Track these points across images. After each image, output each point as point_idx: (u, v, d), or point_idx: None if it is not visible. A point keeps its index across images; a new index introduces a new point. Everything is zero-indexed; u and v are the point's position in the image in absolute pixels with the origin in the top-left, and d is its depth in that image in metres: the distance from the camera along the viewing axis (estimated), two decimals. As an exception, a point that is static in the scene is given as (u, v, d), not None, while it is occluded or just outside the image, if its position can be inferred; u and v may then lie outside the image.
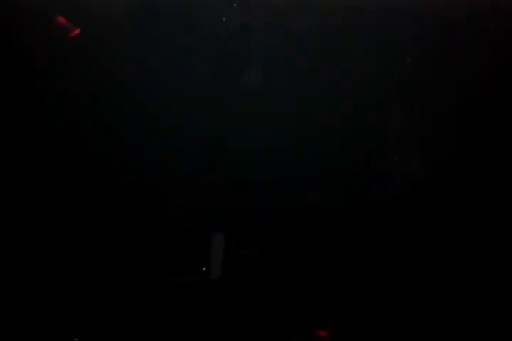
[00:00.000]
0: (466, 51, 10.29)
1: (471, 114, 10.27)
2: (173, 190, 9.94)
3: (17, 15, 9.99)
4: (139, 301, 9.04)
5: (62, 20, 9.53)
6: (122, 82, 9.96)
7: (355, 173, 10.21)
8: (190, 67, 10.24)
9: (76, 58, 9.96)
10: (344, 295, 9.45)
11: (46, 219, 9.62)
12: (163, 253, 9.63)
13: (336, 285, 9.53)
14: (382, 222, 10.10)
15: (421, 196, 10.11)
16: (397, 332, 9.07)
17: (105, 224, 9.63)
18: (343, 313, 9.23)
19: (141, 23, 10.15)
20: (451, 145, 10.25)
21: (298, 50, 10.32)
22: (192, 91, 10.19)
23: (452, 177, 10.16)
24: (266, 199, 9.94)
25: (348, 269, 9.64)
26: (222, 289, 9.41)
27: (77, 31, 9.76)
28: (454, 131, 10.37)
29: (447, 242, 9.96)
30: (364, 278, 9.58)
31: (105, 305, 8.90)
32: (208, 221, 9.75)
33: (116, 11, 10.03)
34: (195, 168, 10.02)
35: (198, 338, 8.78)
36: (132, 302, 9.00)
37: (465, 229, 10.06)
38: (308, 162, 10.20)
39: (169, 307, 9.11)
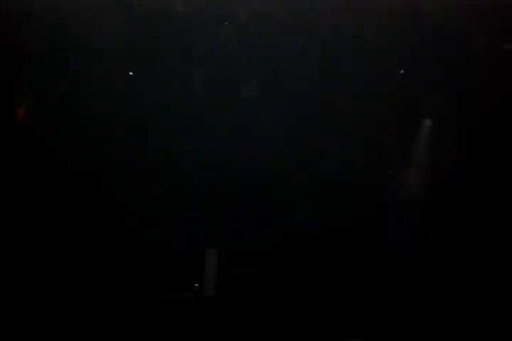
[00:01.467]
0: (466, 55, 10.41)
1: (471, 121, 10.40)
2: (169, 208, 9.97)
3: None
4: (134, 317, 8.99)
5: None
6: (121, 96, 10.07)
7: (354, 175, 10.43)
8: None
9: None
10: (342, 308, 9.39)
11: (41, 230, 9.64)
12: (157, 270, 9.58)
13: (335, 300, 9.45)
14: (381, 223, 10.24)
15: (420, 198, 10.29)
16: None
17: (98, 243, 9.61)
18: (341, 328, 9.17)
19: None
20: (450, 151, 10.36)
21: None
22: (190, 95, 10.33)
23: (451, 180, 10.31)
24: (264, 213, 9.93)
25: (348, 281, 9.61)
26: (217, 305, 9.33)
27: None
28: (454, 136, 10.46)
29: (446, 245, 10.08)
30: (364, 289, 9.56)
31: (99, 321, 8.85)
32: (205, 236, 9.77)
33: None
34: (193, 184, 10.04)
35: None
36: (127, 318, 8.94)
37: (461, 230, 10.16)
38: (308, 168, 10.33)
39: (163, 323, 9.06)
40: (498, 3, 10.65)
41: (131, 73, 10.12)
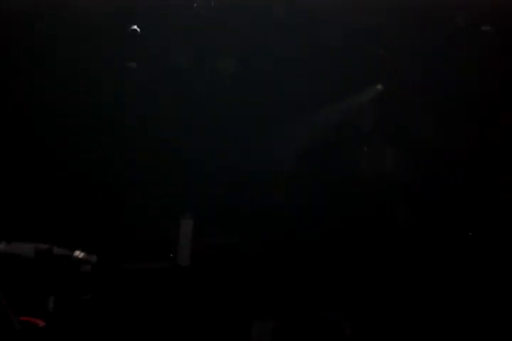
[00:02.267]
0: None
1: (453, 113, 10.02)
2: (147, 177, 9.87)
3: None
4: (109, 287, 8.79)
5: None
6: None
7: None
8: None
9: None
10: (313, 281, 9.22)
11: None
12: (132, 240, 9.52)
13: (307, 272, 9.31)
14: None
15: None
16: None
17: (79, 211, 9.57)
18: (311, 299, 8.98)
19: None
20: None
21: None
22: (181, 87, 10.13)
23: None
24: (246, 189, 9.84)
25: (321, 257, 9.47)
26: (190, 275, 9.24)
27: None
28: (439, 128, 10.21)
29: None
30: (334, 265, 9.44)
31: (75, 291, 8.81)
32: (181, 208, 9.68)
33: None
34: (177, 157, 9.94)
35: (166, 323, 8.56)
36: (102, 288, 8.51)
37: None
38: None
39: (137, 292, 8.92)
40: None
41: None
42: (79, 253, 7.24)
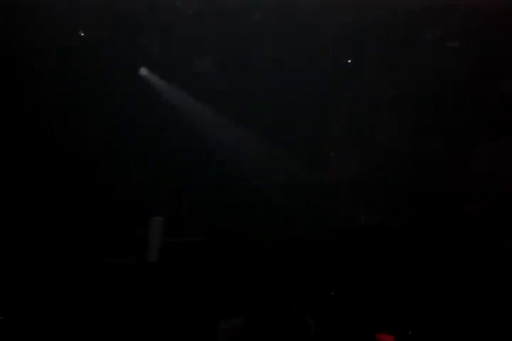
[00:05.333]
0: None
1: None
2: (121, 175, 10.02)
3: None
4: (77, 281, 8.88)
5: None
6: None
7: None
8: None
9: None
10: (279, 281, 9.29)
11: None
12: (101, 235, 9.63)
13: (276, 272, 9.41)
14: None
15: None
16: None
17: (49, 206, 9.71)
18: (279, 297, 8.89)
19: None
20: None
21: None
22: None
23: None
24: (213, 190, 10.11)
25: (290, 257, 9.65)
26: (158, 272, 9.33)
27: None
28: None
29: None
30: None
31: (43, 285, 8.68)
32: (150, 206, 9.84)
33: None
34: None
35: (133, 318, 8.47)
36: (70, 282, 8.83)
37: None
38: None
39: (105, 287, 8.90)
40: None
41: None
42: None
